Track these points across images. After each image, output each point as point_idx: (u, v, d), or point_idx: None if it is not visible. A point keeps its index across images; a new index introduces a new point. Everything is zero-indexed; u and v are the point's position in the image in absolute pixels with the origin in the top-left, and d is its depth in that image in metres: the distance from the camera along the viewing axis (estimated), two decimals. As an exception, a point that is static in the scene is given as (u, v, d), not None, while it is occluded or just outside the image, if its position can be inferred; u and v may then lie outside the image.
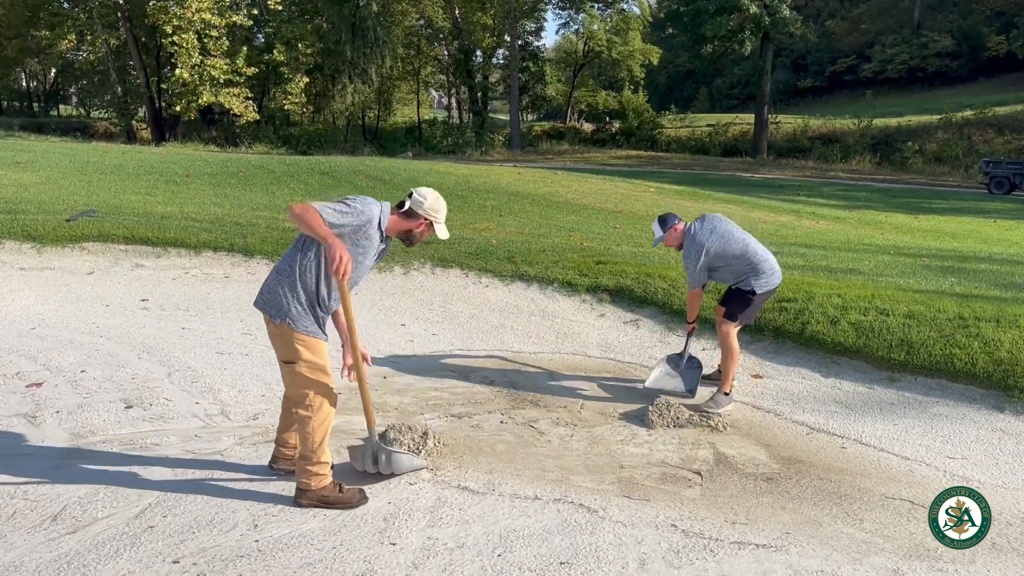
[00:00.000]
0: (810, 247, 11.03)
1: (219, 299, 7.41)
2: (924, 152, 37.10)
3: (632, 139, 47.18)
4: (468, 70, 48.41)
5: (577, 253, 8.84)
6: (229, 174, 17.41)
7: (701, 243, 5.15)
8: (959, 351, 5.58)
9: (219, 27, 32.77)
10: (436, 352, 6.15)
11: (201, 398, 4.90)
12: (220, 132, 39.23)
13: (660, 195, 19.37)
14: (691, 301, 5.50)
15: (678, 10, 45.40)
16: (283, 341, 3.53)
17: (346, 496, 3.61)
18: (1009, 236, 15.74)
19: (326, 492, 3.58)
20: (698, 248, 5.15)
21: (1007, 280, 8.79)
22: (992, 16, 54.67)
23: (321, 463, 3.58)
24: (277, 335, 3.56)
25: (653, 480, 4.04)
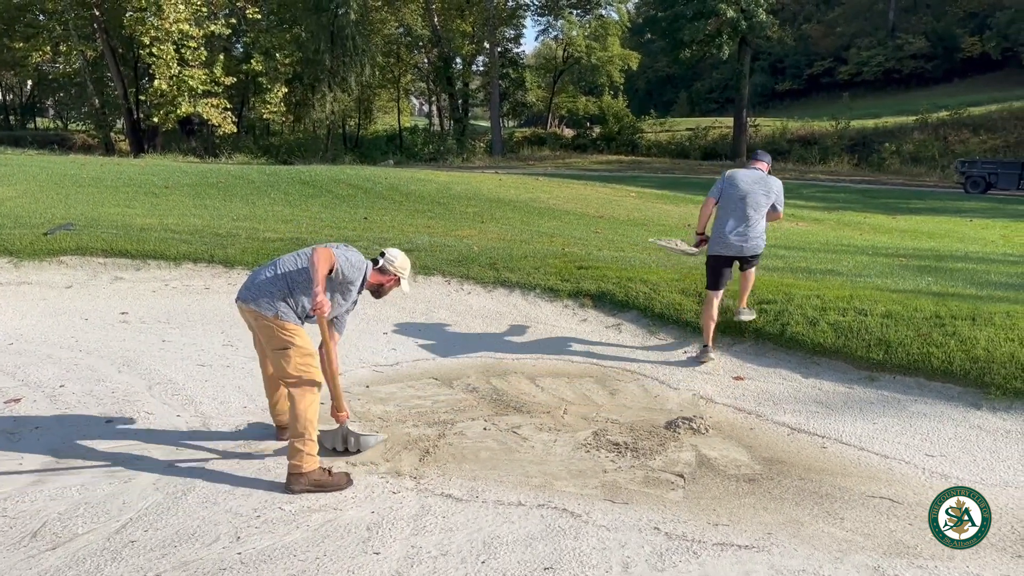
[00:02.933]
0: (790, 248, 11.12)
1: (199, 311, 7.37)
2: (901, 153, 37.51)
3: (613, 144, 47.37)
4: (448, 77, 48.42)
5: (559, 258, 8.87)
6: (209, 185, 17.33)
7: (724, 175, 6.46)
8: (936, 350, 5.65)
9: (197, 37, 32.61)
10: (419, 360, 6.15)
11: (182, 411, 4.87)
12: (199, 143, 39.02)
13: (641, 199, 19.46)
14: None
15: (656, 15, 45.66)
16: (275, 332, 3.98)
17: (336, 479, 3.87)
18: (985, 235, 15.93)
19: (316, 475, 3.82)
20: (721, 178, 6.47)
21: (983, 279, 8.90)
22: (966, 17, 55.37)
23: (311, 442, 3.86)
24: (267, 327, 4.00)
25: (636, 483, 4.06)
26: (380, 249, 4.60)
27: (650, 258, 9.26)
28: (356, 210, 14.51)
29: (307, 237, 10.18)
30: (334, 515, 3.59)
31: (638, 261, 8.93)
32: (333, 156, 38.75)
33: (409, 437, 4.57)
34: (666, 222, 15.39)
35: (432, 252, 9.18)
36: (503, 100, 50.42)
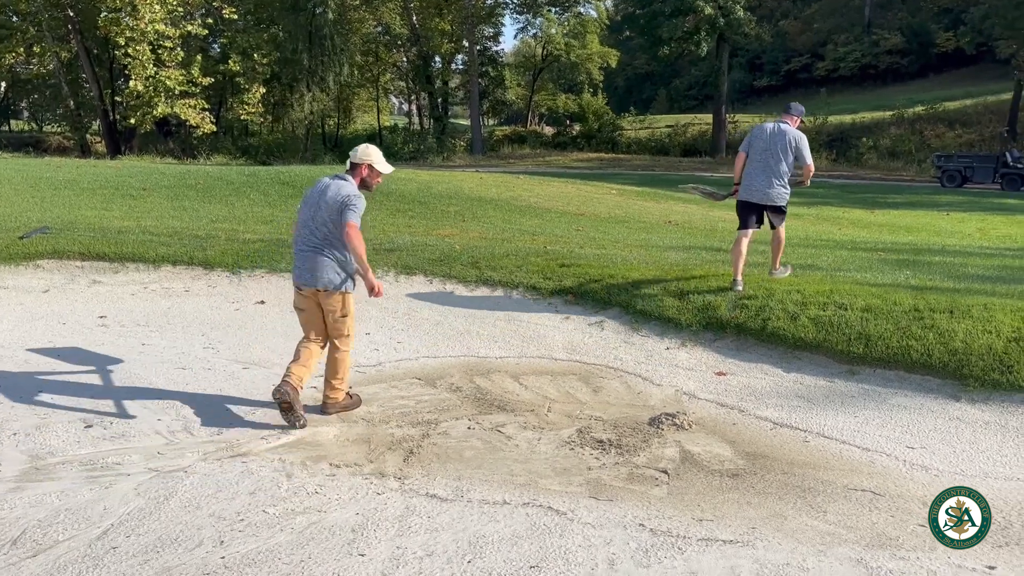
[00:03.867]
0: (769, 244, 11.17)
1: (179, 313, 7.31)
2: (878, 148, 37.86)
3: (593, 141, 47.46)
4: (427, 76, 48.34)
5: (541, 257, 8.87)
6: (187, 186, 17.18)
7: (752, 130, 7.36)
8: (915, 343, 5.71)
9: (173, 38, 32.28)
10: (401, 360, 6.14)
11: (163, 415, 4.82)
12: (177, 144, 38.69)
13: (622, 196, 19.51)
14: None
15: (634, 13, 45.80)
16: (336, 303, 4.88)
17: (354, 401, 5.03)
18: (962, 228, 16.12)
19: (344, 402, 4.96)
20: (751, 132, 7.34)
21: (960, 271, 9.00)
22: (940, 13, 55.93)
23: (344, 381, 4.96)
24: (336, 301, 4.87)
25: (620, 480, 4.07)
26: None
27: (632, 255, 9.29)
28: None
29: (287, 238, 10.11)
30: (318, 517, 3.57)
31: (620, 259, 8.95)
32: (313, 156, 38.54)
33: (393, 438, 4.56)
34: (647, 219, 15.45)
35: (413, 251, 9.16)
36: (483, 98, 50.41)
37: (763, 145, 7.06)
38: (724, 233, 13.30)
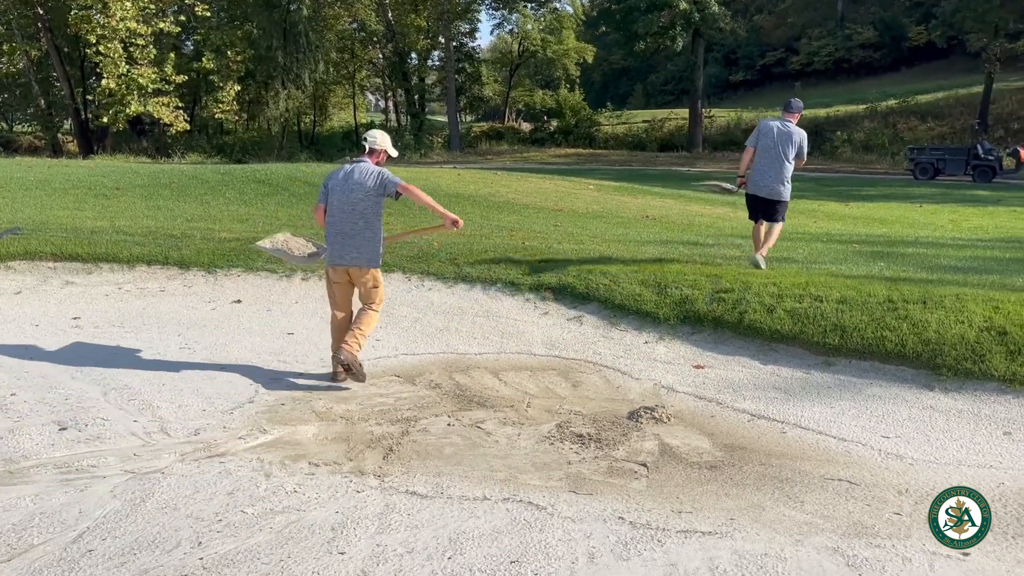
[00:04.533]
0: (746, 238, 11.25)
1: (155, 314, 7.24)
2: (852, 141, 38.23)
3: (570, 137, 47.54)
4: (404, 73, 48.17)
5: (519, 252, 8.88)
6: (161, 185, 17.00)
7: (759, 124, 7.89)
8: (890, 333, 5.78)
9: (145, 35, 31.90)
10: (380, 357, 6.11)
11: (139, 416, 4.78)
12: (151, 143, 38.29)
13: (600, 192, 19.55)
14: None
15: (610, 8, 45.86)
16: (371, 278, 5.48)
17: (364, 371, 5.40)
18: (934, 220, 16.31)
19: (358, 359, 5.37)
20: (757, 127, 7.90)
21: (933, 263, 9.12)
22: (911, 7, 56.55)
23: (366, 336, 5.49)
24: (366, 275, 5.46)
25: (600, 474, 4.09)
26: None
27: (610, 250, 9.31)
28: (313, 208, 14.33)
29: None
30: (297, 516, 3.56)
31: (598, 254, 8.97)
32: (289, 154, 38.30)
33: (372, 435, 4.54)
34: (624, 214, 15.49)
35: (391, 249, 9.11)
36: (460, 95, 50.30)
37: (771, 143, 7.64)
38: (701, 227, 13.39)
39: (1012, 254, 10.19)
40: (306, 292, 7.93)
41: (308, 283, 8.13)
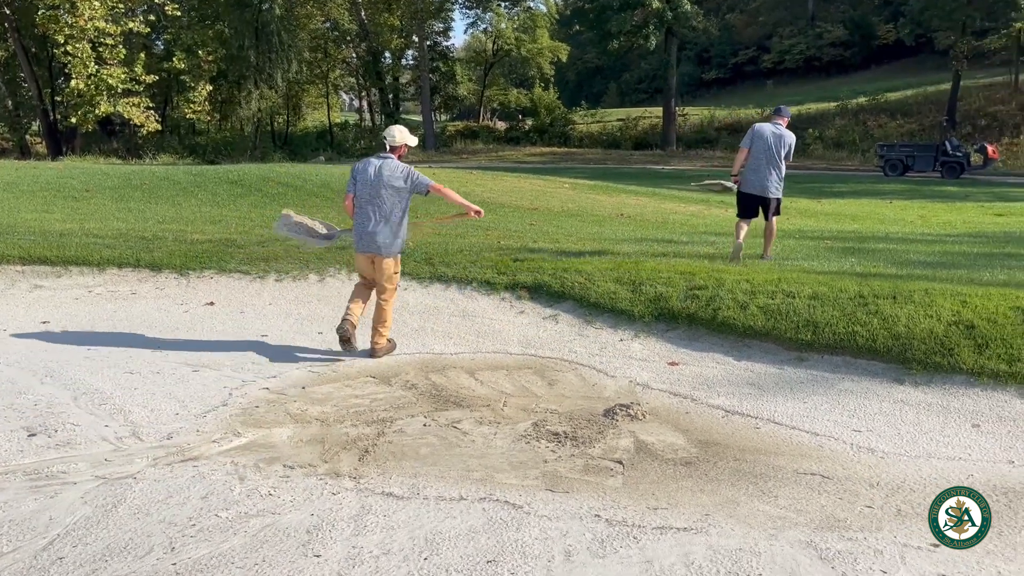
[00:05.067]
0: (719, 235, 11.34)
1: (126, 317, 7.16)
2: (824, 138, 38.65)
3: (545, 136, 47.63)
4: (378, 72, 48.00)
5: (494, 252, 8.88)
6: (132, 187, 16.81)
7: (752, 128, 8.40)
8: (861, 328, 5.85)
9: (114, 35, 31.47)
10: (355, 359, 6.09)
11: (111, 420, 4.72)
12: (121, 144, 37.82)
13: (575, 191, 19.59)
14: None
15: (583, 7, 46.03)
16: (391, 265, 6.03)
17: (392, 344, 6.22)
18: (904, 216, 16.54)
19: (388, 347, 6.13)
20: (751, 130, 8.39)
21: (902, 258, 9.24)
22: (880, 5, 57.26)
23: (387, 327, 6.13)
24: (386, 263, 5.99)
25: (576, 472, 4.10)
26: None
27: (585, 248, 9.34)
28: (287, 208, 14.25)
29: (236, 237, 9.98)
30: (272, 519, 3.53)
31: (573, 252, 9.00)
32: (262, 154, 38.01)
33: (348, 437, 4.52)
34: (599, 212, 15.55)
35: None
36: (434, 94, 50.22)
37: (765, 145, 8.19)
38: (675, 225, 13.47)
39: (979, 249, 10.36)
40: (280, 294, 7.88)
41: (282, 284, 8.08)
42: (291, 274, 8.28)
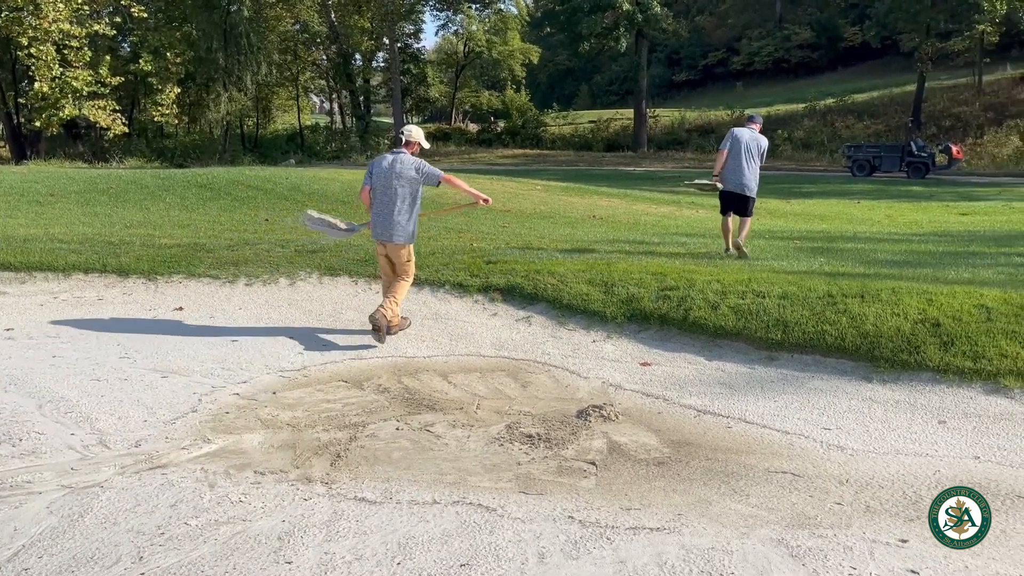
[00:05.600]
0: (690, 236, 11.42)
1: (93, 323, 7.04)
2: (792, 139, 39.09)
3: (517, 138, 47.68)
4: (348, 74, 47.75)
5: (467, 254, 8.87)
6: (99, 191, 16.56)
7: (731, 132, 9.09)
8: (830, 327, 5.91)
9: (79, 37, 31.00)
10: (327, 363, 6.04)
11: (77, 428, 4.64)
12: (87, 147, 37.28)
13: (548, 192, 19.62)
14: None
15: (554, 9, 46.19)
16: (404, 252, 6.48)
17: (407, 322, 6.77)
18: (871, 215, 16.77)
19: (401, 322, 6.61)
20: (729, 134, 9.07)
21: (870, 257, 9.37)
22: (846, 8, 58.05)
23: (399, 302, 6.48)
24: (401, 250, 6.46)
25: (549, 474, 4.10)
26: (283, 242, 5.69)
27: (558, 250, 9.36)
28: (257, 212, 14.14)
29: (206, 241, 9.87)
30: (243, 526, 3.49)
31: (546, 254, 9.01)
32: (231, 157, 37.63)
33: (319, 442, 4.49)
34: (572, 214, 15.59)
35: (338, 252, 9.04)
36: (406, 96, 50.07)
37: (742, 147, 8.84)
38: (646, 227, 13.54)
39: (945, 248, 10.52)
40: (250, 298, 7.80)
41: (252, 289, 8.00)
42: (261, 278, 8.20)
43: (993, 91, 39.72)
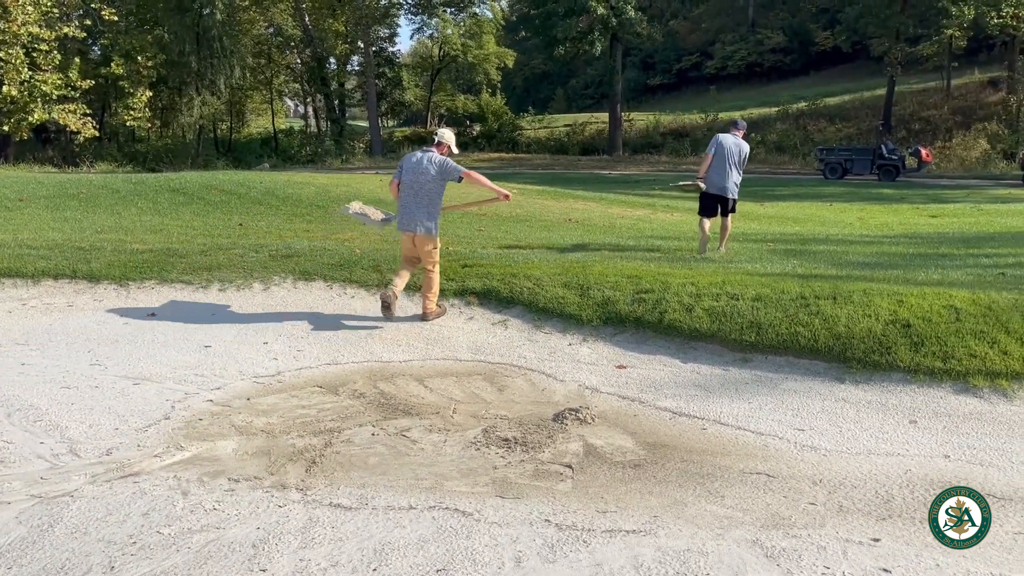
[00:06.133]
0: (665, 238, 11.49)
1: (63, 330, 6.94)
2: (766, 143, 39.41)
3: (493, 142, 47.67)
4: (323, 78, 47.50)
5: (443, 258, 8.83)
6: (69, 196, 16.36)
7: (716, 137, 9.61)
8: (803, 329, 5.97)
9: (49, 40, 30.61)
10: (302, 368, 6.00)
11: (46, 437, 4.57)
12: (57, 151, 36.79)
13: (524, 196, 19.64)
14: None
15: (529, 13, 46.26)
16: (428, 242, 6.94)
17: (443, 309, 7.20)
18: (843, 218, 16.96)
19: (438, 311, 7.11)
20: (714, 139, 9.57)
21: (842, 259, 9.47)
22: (818, 13, 58.67)
23: (435, 294, 7.07)
24: (426, 242, 6.92)
25: (526, 477, 4.10)
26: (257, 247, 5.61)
27: (533, 254, 9.37)
28: (230, 216, 14.02)
29: (179, 246, 9.77)
30: (217, 534, 3.46)
31: (521, 257, 9.02)
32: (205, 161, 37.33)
33: (294, 448, 4.45)
34: (548, 217, 15.62)
35: (312, 257, 8.99)
36: (381, 100, 49.91)
37: (726, 152, 9.32)
38: (622, 230, 13.59)
39: (915, 249, 10.67)
40: (223, 303, 7.73)
41: (225, 294, 7.93)
42: (235, 283, 8.13)
43: (961, 95, 40.35)
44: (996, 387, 5.20)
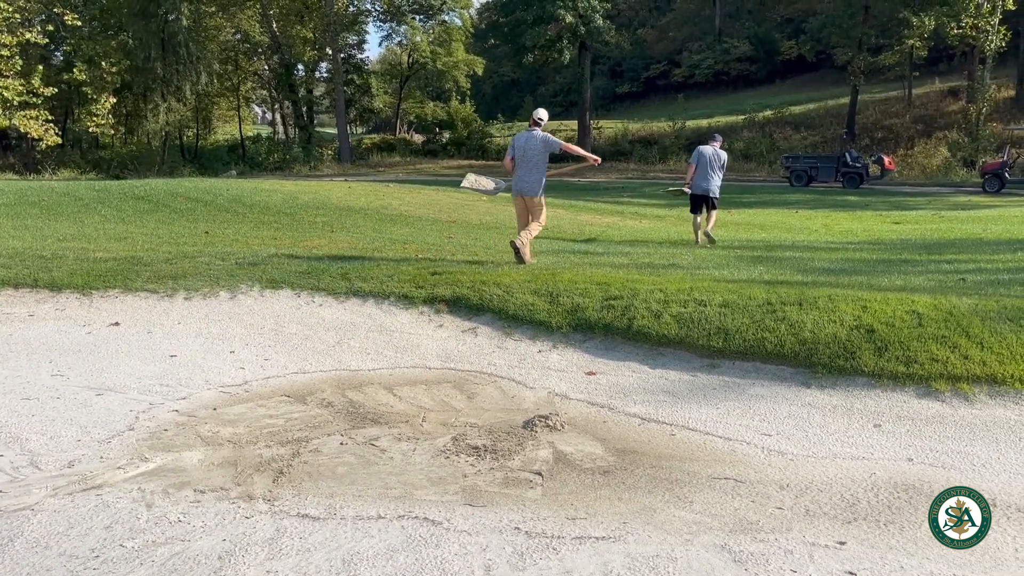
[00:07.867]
0: (634, 245, 11.57)
1: (23, 340, 6.80)
2: (733, 150, 39.82)
3: (463, 149, 47.71)
4: (291, 84, 47.22)
5: (412, 265, 8.82)
6: (29, 203, 16.07)
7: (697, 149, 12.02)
8: (769, 334, 6.03)
9: (10, 46, 30.08)
10: (269, 377, 5.94)
11: (6, 449, 4.47)
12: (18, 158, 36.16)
13: (493, 203, 19.66)
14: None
15: (498, 21, 46.43)
16: (537, 201, 8.90)
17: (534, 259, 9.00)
18: (809, 224, 17.19)
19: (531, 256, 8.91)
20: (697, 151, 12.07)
21: (808, 265, 9.60)
22: (783, 22, 59.58)
23: (535, 233, 8.98)
24: (535, 200, 8.88)
25: (496, 485, 4.09)
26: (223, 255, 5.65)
27: (504, 260, 9.37)
28: (196, 224, 13.87)
29: (143, 255, 9.64)
30: (182, 547, 3.40)
31: (492, 264, 9.02)
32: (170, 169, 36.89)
33: (261, 458, 4.40)
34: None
35: (279, 264, 8.91)
36: (349, 107, 49.72)
37: (706, 161, 11.61)
38: (589, 236, 13.65)
39: (878, 255, 10.85)
40: (189, 312, 7.63)
41: (191, 302, 7.83)
42: (201, 291, 8.03)
43: (923, 104, 41.19)
44: (957, 391, 5.29)
